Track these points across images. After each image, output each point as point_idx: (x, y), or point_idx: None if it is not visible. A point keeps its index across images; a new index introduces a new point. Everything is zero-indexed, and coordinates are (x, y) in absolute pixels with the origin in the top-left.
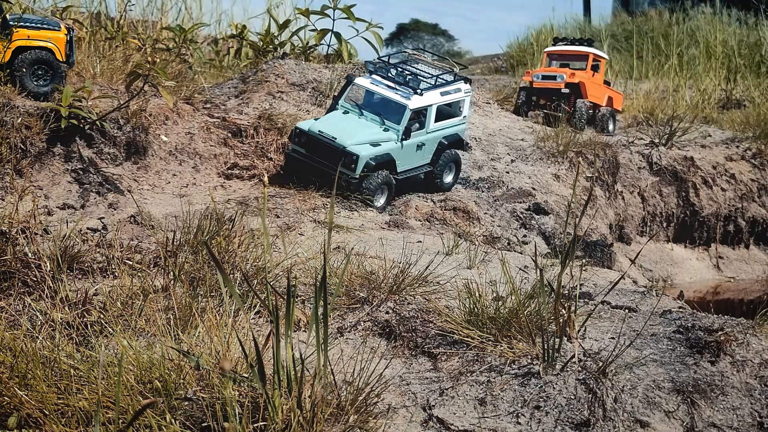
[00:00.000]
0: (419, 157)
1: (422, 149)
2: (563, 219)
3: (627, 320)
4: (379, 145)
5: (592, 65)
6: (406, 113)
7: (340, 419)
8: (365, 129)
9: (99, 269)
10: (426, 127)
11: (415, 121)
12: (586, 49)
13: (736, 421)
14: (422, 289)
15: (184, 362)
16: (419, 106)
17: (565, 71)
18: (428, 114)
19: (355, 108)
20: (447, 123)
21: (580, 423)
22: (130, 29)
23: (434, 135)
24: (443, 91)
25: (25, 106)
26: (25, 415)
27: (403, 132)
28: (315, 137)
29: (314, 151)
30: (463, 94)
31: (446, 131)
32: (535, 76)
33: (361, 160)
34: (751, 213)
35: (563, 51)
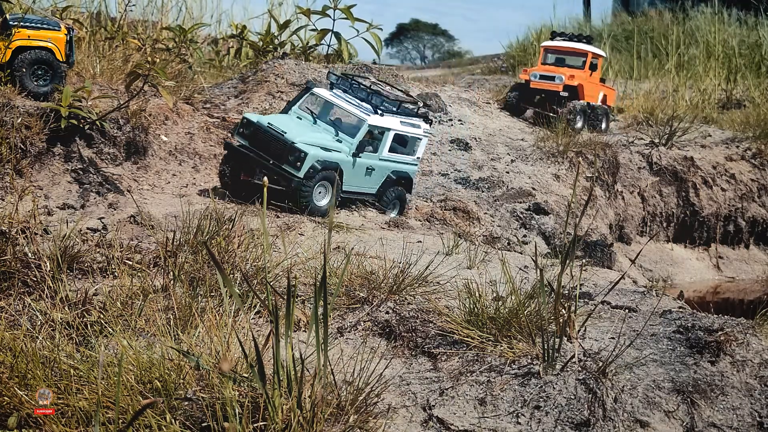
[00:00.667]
0: (366, 182)
1: (371, 175)
2: (563, 219)
3: (627, 320)
4: (329, 151)
5: (590, 64)
6: (363, 127)
7: (340, 419)
8: (318, 133)
9: (99, 269)
10: (379, 152)
11: (369, 142)
12: (585, 47)
13: (736, 421)
14: (422, 289)
15: (184, 362)
16: (377, 125)
17: (564, 72)
18: (384, 138)
19: (308, 116)
20: (400, 158)
21: (580, 423)
22: (130, 29)
23: (385, 165)
24: (403, 121)
25: (25, 106)
26: (25, 415)
27: (357, 146)
28: (263, 129)
29: (259, 145)
30: (422, 133)
31: (397, 166)
32: (532, 75)
33: (309, 159)
34: (751, 213)
35: (561, 47)
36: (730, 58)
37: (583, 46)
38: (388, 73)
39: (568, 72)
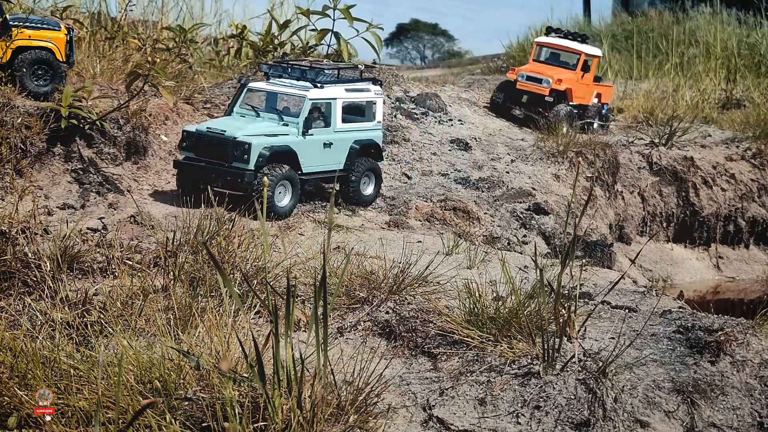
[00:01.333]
0: (328, 159)
1: (330, 149)
2: (563, 219)
3: (627, 320)
4: (276, 136)
5: (583, 65)
6: (305, 104)
7: (340, 419)
8: (260, 123)
9: (99, 269)
10: (332, 125)
11: (318, 117)
12: (579, 47)
13: (736, 421)
14: (422, 289)
15: (184, 362)
16: (319, 97)
17: (552, 75)
18: (332, 110)
19: (251, 112)
20: (359, 126)
21: (580, 423)
22: (130, 29)
23: (343, 136)
24: (348, 88)
25: (25, 106)
26: (25, 415)
27: (304, 125)
28: (203, 135)
29: (204, 152)
30: (374, 95)
31: (358, 134)
32: (519, 75)
33: (254, 149)
34: (751, 213)
35: (555, 45)
36: (729, 58)
37: (577, 46)
38: (388, 73)
39: (557, 75)
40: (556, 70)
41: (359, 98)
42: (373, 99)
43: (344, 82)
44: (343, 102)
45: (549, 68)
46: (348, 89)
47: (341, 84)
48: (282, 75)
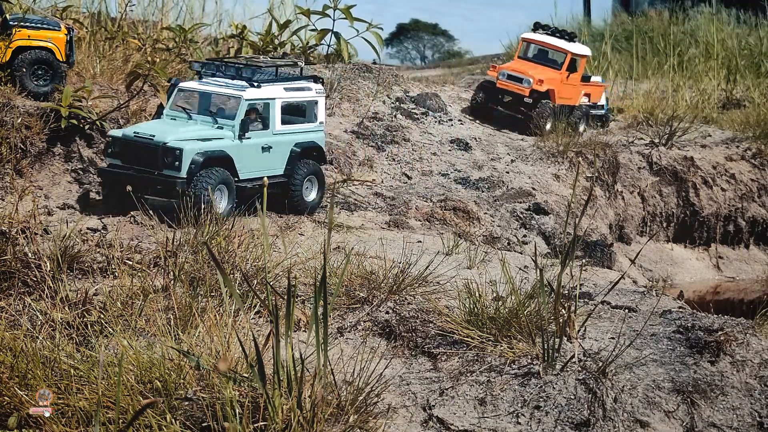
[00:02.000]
0: (267, 164)
1: (270, 153)
2: (563, 219)
3: (627, 320)
4: (210, 141)
5: (569, 64)
6: (241, 105)
7: (340, 419)
8: (192, 126)
9: (99, 269)
10: (271, 127)
11: (256, 119)
12: (565, 46)
13: (736, 421)
14: (422, 289)
15: (184, 362)
16: (256, 98)
17: (534, 75)
18: (271, 111)
19: (182, 115)
20: (299, 128)
21: (580, 423)
22: (130, 29)
23: (283, 138)
24: (288, 87)
25: (25, 106)
26: (25, 415)
27: (240, 127)
28: (131, 141)
29: (132, 159)
30: (315, 94)
31: (299, 137)
32: (501, 74)
33: (186, 155)
34: (751, 213)
35: (541, 42)
36: (729, 58)
37: (564, 44)
38: (388, 73)
39: (539, 75)
40: (540, 69)
41: (300, 98)
42: (314, 98)
43: (283, 81)
44: (282, 102)
45: (533, 67)
46: (287, 88)
47: (280, 83)
48: (216, 74)
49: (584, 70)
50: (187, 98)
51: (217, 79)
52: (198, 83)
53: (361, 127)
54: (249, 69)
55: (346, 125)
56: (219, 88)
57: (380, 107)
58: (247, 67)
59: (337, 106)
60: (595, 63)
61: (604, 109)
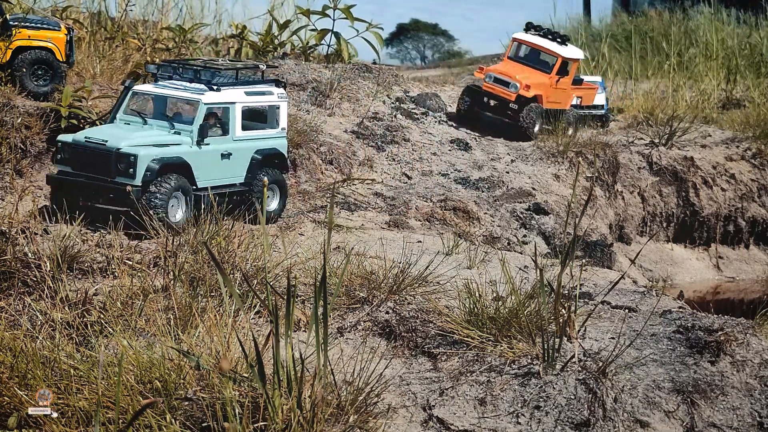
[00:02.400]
0: (227, 171)
1: (230, 161)
2: (563, 219)
3: (627, 320)
4: (166, 147)
5: (560, 68)
6: (200, 109)
7: (340, 419)
8: (147, 131)
9: (99, 269)
10: (231, 133)
11: (215, 124)
12: (557, 49)
13: (736, 421)
14: (422, 289)
15: (184, 362)
16: (216, 102)
17: (521, 80)
18: (231, 116)
19: (137, 119)
20: (261, 134)
21: (580, 423)
22: (130, 29)
23: (244, 145)
24: (249, 91)
25: (25, 106)
26: (25, 415)
27: (199, 133)
28: (81, 147)
29: (83, 166)
30: (277, 99)
31: (260, 143)
32: (487, 76)
33: (141, 161)
34: (751, 213)
35: (532, 43)
36: (729, 58)
37: (555, 47)
38: (388, 73)
39: (527, 79)
40: (529, 72)
41: (261, 102)
42: (276, 103)
43: (244, 84)
44: (243, 107)
45: (521, 70)
46: (249, 92)
47: (241, 86)
48: (173, 76)
49: (577, 72)
50: (142, 102)
51: (174, 82)
52: (154, 86)
53: (361, 127)
54: (208, 71)
55: (346, 125)
56: (176, 92)
57: (380, 107)
58: (205, 70)
59: (337, 106)
60: (595, 63)
61: (605, 109)
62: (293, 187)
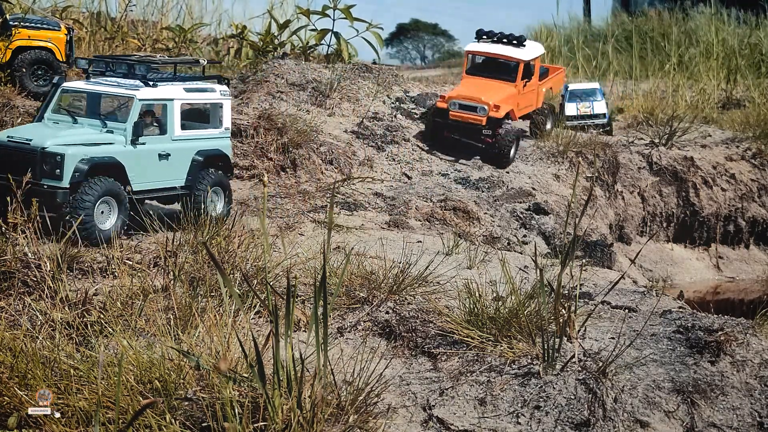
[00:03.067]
0: (165, 172)
1: (168, 162)
2: (563, 219)
3: (627, 320)
4: (97, 146)
5: (524, 72)
6: (134, 106)
7: (340, 419)
8: (76, 130)
9: (99, 269)
10: (169, 132)
11: (152, 123)
12: (515, 53)
13: (736, 421)
14: (422, 289)
15: (184, 362)
16: (152, 98)
17: (488, 101)
18: (169, 113)
19: (67, 118)
20: (202, 134)
21: (580, 423)
22: (130, 29)
23: (184, 145)
24: (189, 87)
25: (25, 106)
26: (25, 415)
27: (133, 132)
28: (3, 147)
29: (6, 167)
30: (220, 97)
31: (202, 144)
32: (451, 104)
33: (68, 161)
34: (751, 213)
35: (488, 53)
36: (730, 58)
37: (513, 52)
38: (388, 73)
39: (494, 98)
40: (494, 87)
41: (202, 100)
42: (218, 101)
43: (183, 80)
44: (182, 104)
45: (485, 87)
46: (188, 89)
47: (179, 82)
48: (105, 72)
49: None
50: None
51: (107, 78)
52: (85, 83)
53: (361, 127)
54: (143, 67)
55: (346, 125)
56: (109, 88)
57: (380, 107)
58: (141, 65)
59: (337, 106)
60: (595, 63)
61: (606, 118)
62: (293, 187)
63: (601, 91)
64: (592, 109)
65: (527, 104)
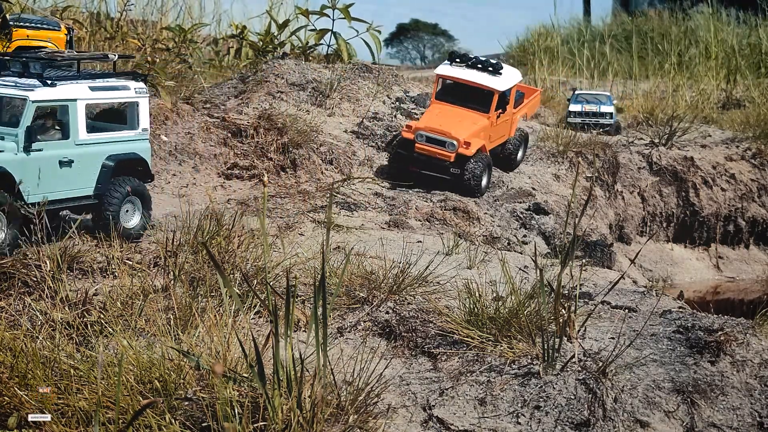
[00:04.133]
0: (69, 182)
1: (71, 169)
2: (563, 219)
3: (627, 320)
4: None
5: (498, 103)
6: (27, 109)
7: (340, 419)
8: None
9: (99, 269)
10: (72, 136)
11: (53, 126)
12: (490, 83)
13: (736, 421)
14: (422, 289)
15: (184, 362)
16: (49, 99)
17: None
18: (71, 115)
19: None
20: (114, 136)
21: (580, 423)
22: (130, 29)
23: (91, 150)
24: (95, 85)
25: None
26: (25, 415)
27: (26, 137)
28: None
29: None
30: (134, 95)
31: (114, 147)
32: (417, 135)
33: None
34: (751, 213)
35: (459, 79)
36: (729, 58)
37: (488, 81)
38: (388, 73)
39: (464, 133)
40: (465, 119)
41: (112, 99)
42: (133, 99)
43: (89, 78)
44: (87, 104)
45: (456, 119)
46: (95, 87)
47: (84, 80)
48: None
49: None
50: None
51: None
52: None
53: (361, 127)
54: (40, 64)
55: (346, 125)
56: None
57: (380, 107)
58: (37, 62)
59: (337, 106)
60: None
61: (613, 118)
62: (293, 187)
63: (611, 98)
64: (598, 108)
65: (500, 135)
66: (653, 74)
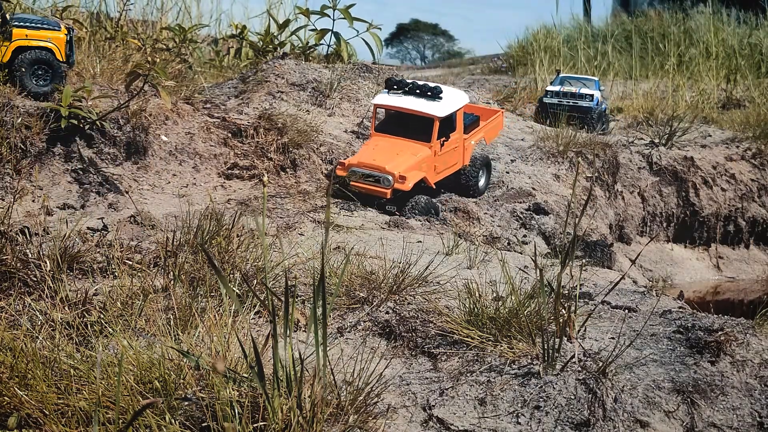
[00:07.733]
0: None
1: None
2: (563, 219)
3: (627, 320)
4: None
5: (440, 131)
6: None
7: (340, 419)
8: None
9: (99, 269)
10: None
11: None
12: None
13: (736, 421)
14: (422, 289)
15: (184, 362)
16: None
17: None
18: None
19: None
20: None
21: (580, 423)
22: (130, 29)
23: None
24: None
25: (25, 106)
26: (25, 415)
27: None
28: None
29: None
30: None
31: None
32: (351, 172)
33: None
34: (751, 213)
35: (397, 108)
36: (729, 58)
37: (425, 108)
38: (389, 73)
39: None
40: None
41: None
42: None
43: None
44: None
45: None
46: None
47: None
48: None
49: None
50: None
51: None
52: None
53: (361, 127)
54: None
55: (346, 125)
56: None
57: None
58: None
59: (337, 106)
60: (595, 62)
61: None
62: (293, 187)
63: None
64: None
65: (449, 164)
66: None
